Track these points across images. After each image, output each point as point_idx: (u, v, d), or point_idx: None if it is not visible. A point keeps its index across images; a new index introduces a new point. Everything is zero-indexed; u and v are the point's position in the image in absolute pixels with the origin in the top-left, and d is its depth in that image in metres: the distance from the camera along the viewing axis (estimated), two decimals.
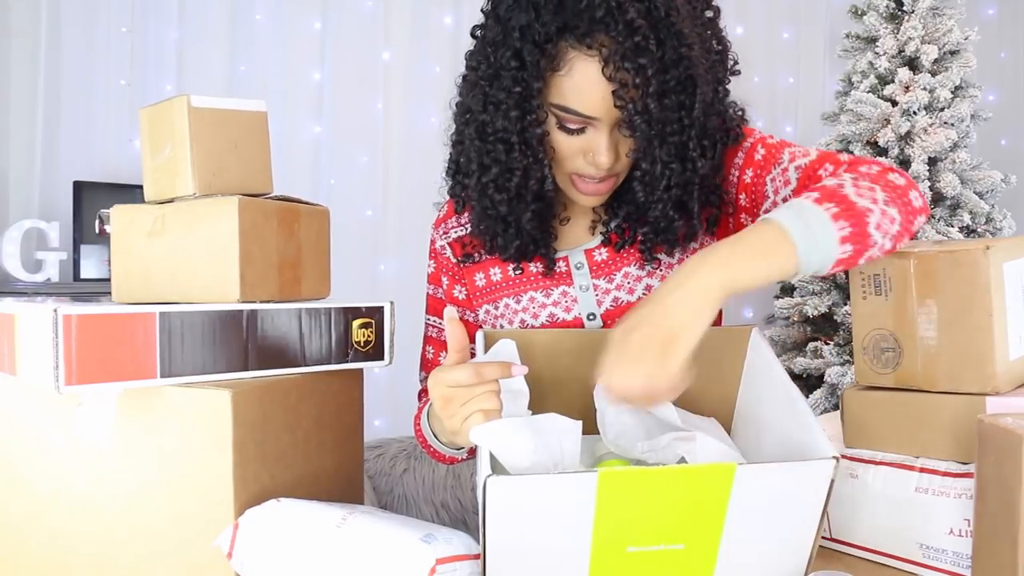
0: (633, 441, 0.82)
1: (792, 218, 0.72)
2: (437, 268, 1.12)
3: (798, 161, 0.89)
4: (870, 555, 0.87)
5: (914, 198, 0.80)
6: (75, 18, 2.44)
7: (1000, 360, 0.82)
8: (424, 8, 2.74)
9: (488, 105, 0.87)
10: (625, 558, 0.67)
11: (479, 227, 0.99)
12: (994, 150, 2.89)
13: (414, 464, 1.82)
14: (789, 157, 0.91)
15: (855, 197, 0.75)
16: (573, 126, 0.86)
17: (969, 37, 2.35)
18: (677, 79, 0.82)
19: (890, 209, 0.76)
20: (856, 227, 0.73)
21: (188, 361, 0.78)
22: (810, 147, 0.92)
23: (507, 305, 1.05)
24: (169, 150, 0.87)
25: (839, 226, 0.72)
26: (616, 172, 0.91)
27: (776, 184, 0.90)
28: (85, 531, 0.82)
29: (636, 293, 1.00)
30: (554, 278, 1.02)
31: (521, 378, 0.81)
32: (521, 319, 1.03)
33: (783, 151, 0.92)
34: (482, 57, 0.88)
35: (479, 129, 0.90)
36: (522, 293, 1.04)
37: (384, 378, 2.51)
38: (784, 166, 0.90)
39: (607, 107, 0.83)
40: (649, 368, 0.68)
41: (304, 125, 2.69)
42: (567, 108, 0.84)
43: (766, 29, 3.03)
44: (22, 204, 2.38)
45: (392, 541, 0.69)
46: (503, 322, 1.05)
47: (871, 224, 0.74)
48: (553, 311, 1.02)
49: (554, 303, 1.02)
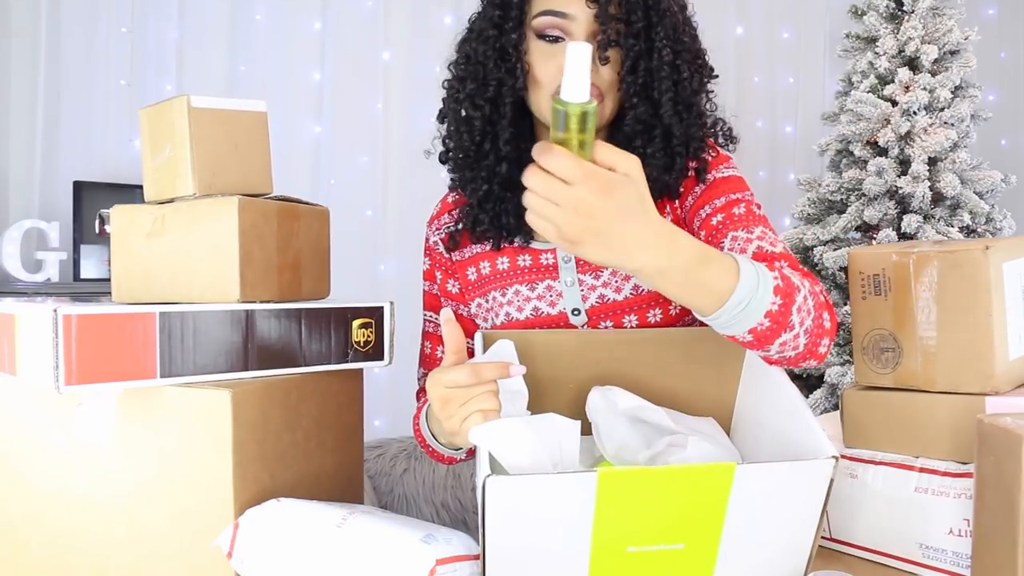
0: (635, 453, 0.82)
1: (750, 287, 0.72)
2: (432, 264, 1.13)
3: (763, 244, 0.90)
4: (870, 555, 0.87)
5: (825, 319, 0.82)
6: (75, 18, 2.43)
7: (999, 360, 0.82)
8: (424, 8, 2.74)
9: (473, 35, 0.98)
10: (625, 558, 0.67)
11: (465, 188, 1.03)
12: (994, 150, 2.89)
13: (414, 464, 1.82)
14: (759, 235, 0.91)
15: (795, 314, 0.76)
16: (551, 33, 0.93)
17: (969, 37, 2.35)
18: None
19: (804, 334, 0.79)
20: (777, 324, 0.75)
21: (188, 361, 0.78)
22: (778, 239, 0.93)
23: (494, 298, 1.06)
24: (169, 150, 0.87)
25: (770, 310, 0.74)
26: (599, 88, 0.93)
27: (735, 244, 0.91)
28: (85, 531, 0.82)
29: (623, 292, 1.00)
30: (540, 272, 1.03)
31: (520, 378, 0.81)
32: (506, 312, 1.04)
33: (757, 225, 0.93)
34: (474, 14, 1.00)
35: (465, 59, 0.99)
36: (508, 286, 1.05)
37: (384, 378, 2.50)
38: (751, 237, 0.91)
39: (581, 2, 0.91)
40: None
41: (304, 125, 2.68)
42: (544, 11, 0.93)
43: (766, 29, 3.03)
44: (22, 204, 2.38)
45: (392, 541, 0.69)
46: (491, 316, 1.07)
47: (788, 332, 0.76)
48: (537, 305, 1.03)
49: (539, 297, 1.03)
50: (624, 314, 1.00)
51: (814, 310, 0.79)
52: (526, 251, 1.04)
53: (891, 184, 2.25)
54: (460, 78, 1.00)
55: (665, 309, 1.00)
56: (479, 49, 0.97)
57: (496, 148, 0.99)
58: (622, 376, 0.90)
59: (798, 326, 0.77)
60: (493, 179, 1.00)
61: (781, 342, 0.77)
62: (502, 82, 0.96)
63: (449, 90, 1.02)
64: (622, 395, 0.86)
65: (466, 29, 1.03)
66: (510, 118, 0.98)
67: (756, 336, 0.75)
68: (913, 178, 2.23)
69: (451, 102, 1.01)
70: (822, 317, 0.81)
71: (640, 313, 0.99)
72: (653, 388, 0.90)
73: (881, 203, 2.28)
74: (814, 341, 0.80)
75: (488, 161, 1.00)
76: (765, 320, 0.74)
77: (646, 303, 0.99)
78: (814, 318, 0.79)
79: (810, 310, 0.79)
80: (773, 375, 0.83)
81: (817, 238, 2.37)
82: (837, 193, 2.39)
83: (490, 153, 0.99)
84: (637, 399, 0.85)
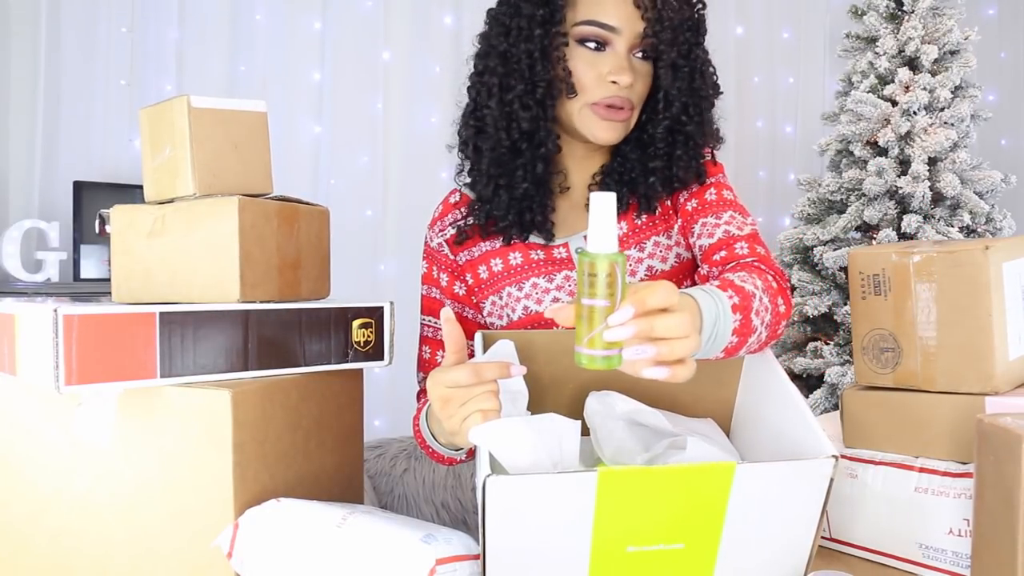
0: (633, 456, 0.82)
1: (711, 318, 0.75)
2: (431, 268, 1.13)
3: (730, 228, 0.98)
4: (870, 555, 0.87)
5: (780, 303, 0.87)
6: (75, 18, 2.43)
7: (999, 360, 0.82)
8: (424, 8, 2.74)
9: (511, 32, 0.97)
10: (625, 558, 0.67)
11: (482, 184, 1.05)
12: (994, 150, 2.89)
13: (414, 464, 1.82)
14: (727, 220, 1.00)
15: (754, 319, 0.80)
16: (593, 43, 0.96)
17: (969, 37, 2.35)
18: (686, 15, 0.98)
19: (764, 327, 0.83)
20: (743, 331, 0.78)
21: (188, 361, 0.78)
22: (747, 222, 1.01)
23: (510, 294, 1.06)
24: (169, 150, 0.87)
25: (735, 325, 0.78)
26: (632, 102, 0.98)
27: (704, 230, 1.00)
28: (85, 531, 0.82)
29: (638, 275, 1.03)
30: (555, 264, 1.05)
31: (520, 379, 0.81)
32: (524, 306, 1.05)
33: (726, 210, 1.01)
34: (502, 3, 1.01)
35: (501, 57, 0.98)
36: (524, 280, 1.05)
37: (384, 378, 2.50)
38: (719, 223, 1.00)
39: (626, 15, 0.95)
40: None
41: (304, 125, 2.68)
42: (588, 21, 0.95)
43: (766, 29, 3.03)
44: (22, 204, 2.38)
45: (392, 541, 0.69)
46: (507, 312, 1.06)
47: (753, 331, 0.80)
48: (557, 295, 1.04)
49: (557, 287, 1.04)
50: None
51: (770, 305, 0.83)
52: (537, 246, 1.05)
53: (891, 184, 2.25)
54: (501, 75, 0.99)
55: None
56: (521, 47, 0.97)
57: (533, 148, 1.00)
58: (622, 376, 0.90)
59: (760, 326, 0.81)
60: (527, 178, 1.02)
61: (747, 346, 0.80)
62: (552, 84, 0.97)
63: (481, 86, 1.02)
64: (619, 399, 0.85)
65: (493, 23, 1.02)
66: (549, 120, 0.99)
67: (727, 351, 0.78)
68: (913, 178, 2.23)
69: (487, 98, 1.01)
70: (776, 304, 0.85)
71: None
72: (653, 388, 0.90)
73: (881, 203, 2.28)
74: (773, 330, 0.85)
75: (523, 159, 1.01)
76: (733, 337, 0.77)
77: None
78: (772, 311, 0.83)
79: (767, 307, 0.82)
80: (773, 375, 0.83)
81: (817, 238, 2.37)
82: (837, 193, 2.39)
83: (526, 151, 1.00)
84: (634, 403, 0.85)
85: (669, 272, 1.04)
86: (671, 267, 1.04)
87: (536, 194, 1.03)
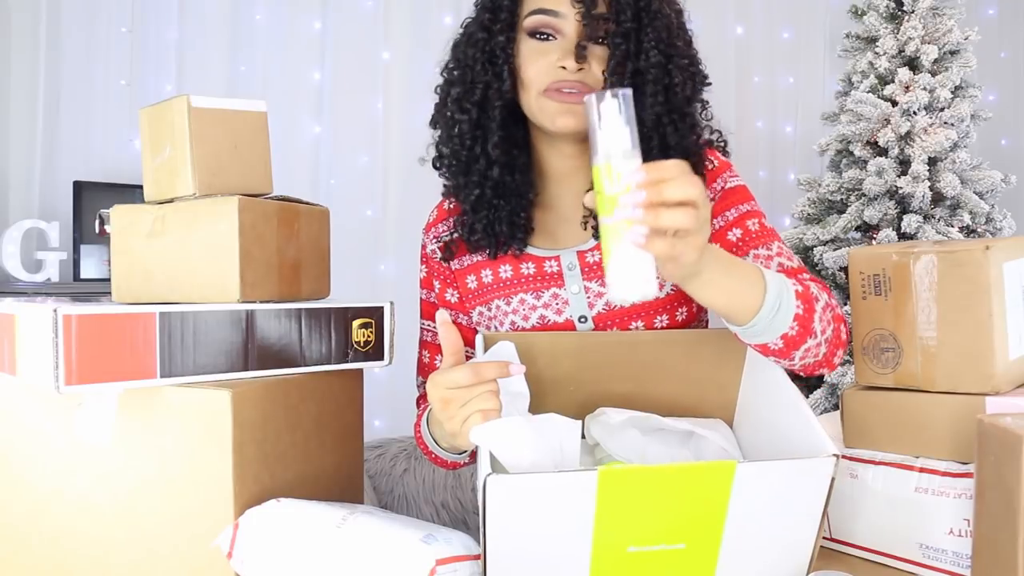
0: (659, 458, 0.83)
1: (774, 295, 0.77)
2: (429, 272, 1.12)
3: (783, 260, 0.96)
4: (870, 555, 0.87)
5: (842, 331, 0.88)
6: (75, 18, 2.43)
7: (1000, 360, 0.82)
8: (424, 8, 2.74)
9: (470, 37, 0.98)
10: (626, 558, 0.67)
11: (459, 195, 1.03)
12: (994, 150, 2.89)
13: (414, 464, 1.82)
14: (777, 251, 0.97)
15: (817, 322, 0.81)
16: (542, 34, 0.93)
17: (969, 37, 2.35)
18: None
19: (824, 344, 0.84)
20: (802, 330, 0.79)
21: (188, 361, 0.78)
22: (786, 249, 0.99)
23: (497, 307, 1.04)
24: (169, 150, 0.87)
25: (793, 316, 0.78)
26: (588, 85, 0.92)
27: (758, 263, 0.95)
28: (85, 531, 0.82)
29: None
30: (545, 280, 1.02)
31: (521, 379, 0.81)
32: (511, 321, 1.03)
33: (774, 242, 0.98)
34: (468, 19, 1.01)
35: (457, 62, 0.99)
36: (512, 295, 1.03)
37: (384, 378, 2.49)
38: (771, 254, 0.96)
39: (568, 1, 0.91)
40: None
41: (304, 125, 2.68)
42: (535, 10, 0.93)
43: (766, 29, 3.03)
44: (22, 204, 2.38)
45: (392, 541, 0.69)
46: (495, 324, 1.05)
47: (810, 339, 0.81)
48: (544, 313, 1.01)
49: (544, 305, 1.01)
50: (631, 320, 0.99)
51: (832, 322, 0.84)
52: (529, 258, 1.02)
53: (891, 184, 2.25)
54: (449, 82, 1.00)
55: (672, 315, 0.99)
56: (468, 52, 0.97)
57: (486, 153, 0.98)
58: (623, 377, 0.90)
59: (820, 334, 0.80)
60: (485, 184, 0.99)
61: (806, 348, 0.79)
62: (489, 85, 0.95)
63: (440, 94, 1.02)
64: (615, 412, 0.85)
65: (459, 33, 1.02)
66: (499, 122, 0.96)
67: (787, 342, 0.77)
68: (913, 178, 2.22)
69: (441, 106, 1.01)
70: (839, 329, 0.85)
71: (647, 319, 0.99)
72: (654, 389, 0.90)
73: (881, 203, 2.28)
74: (831, 351, 0.84)
75: (479, 166, 0.98)
76: (794, 324, 0.76)
77: (652, 309, 0.99)
78: (833, 329, 0.84)
79: (830, 321, 0.83)
80: (774, 375, 0.84)
81: (817, 238, 2.37)
82: (837, 193, 2.39)
83: (480, 158, 0.98)
84: (630, 412, 0.85)
85: (628, 308, 1.00)
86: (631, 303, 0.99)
87: (499, 203, 0.99)
